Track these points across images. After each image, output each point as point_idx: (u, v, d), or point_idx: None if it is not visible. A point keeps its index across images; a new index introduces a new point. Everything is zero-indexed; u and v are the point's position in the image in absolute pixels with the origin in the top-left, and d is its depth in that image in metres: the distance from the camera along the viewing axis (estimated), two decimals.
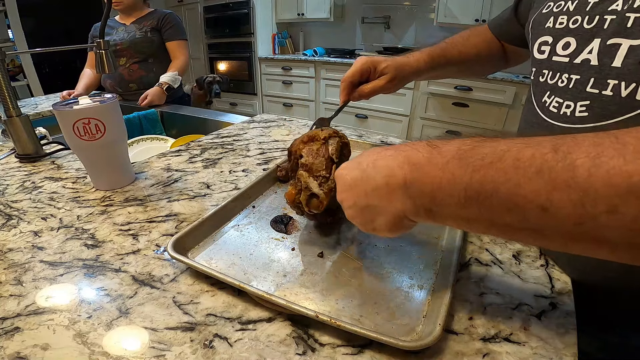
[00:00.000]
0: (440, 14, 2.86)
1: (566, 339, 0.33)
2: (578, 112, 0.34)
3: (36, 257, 0.44)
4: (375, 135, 0.93)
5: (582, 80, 0.34)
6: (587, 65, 0.33)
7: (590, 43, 0.33)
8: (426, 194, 0.27)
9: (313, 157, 0.45)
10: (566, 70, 0.36)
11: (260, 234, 0.49)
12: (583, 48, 0.34)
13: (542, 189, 0.20)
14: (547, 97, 0.38)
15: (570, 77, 0.35)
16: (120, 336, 0.33)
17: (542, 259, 0.45)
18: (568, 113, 0.35)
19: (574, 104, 0.34)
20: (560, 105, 0.36)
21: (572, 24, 0.35)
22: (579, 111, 0.34)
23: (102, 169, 0.61)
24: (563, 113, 0.36)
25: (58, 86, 1.75)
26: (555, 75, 0.37)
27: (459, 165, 0.24)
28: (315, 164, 0.44)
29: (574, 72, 0.35)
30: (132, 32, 1.47)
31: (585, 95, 0.33)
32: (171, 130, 1.36)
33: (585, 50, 0.34)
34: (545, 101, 0.38)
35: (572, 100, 0.35)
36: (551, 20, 0.38)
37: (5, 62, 0.70)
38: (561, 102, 0.36)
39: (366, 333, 0.31)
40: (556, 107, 0.37)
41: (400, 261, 0.44)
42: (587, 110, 0.33)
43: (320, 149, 0.46)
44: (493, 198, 0.22)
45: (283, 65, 3.63)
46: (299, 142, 0.49)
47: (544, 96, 0.39)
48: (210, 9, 3.86)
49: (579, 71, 0.34)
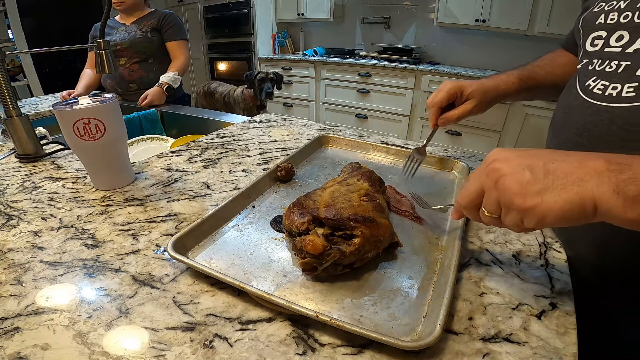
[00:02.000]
0: (440, 14, 2.86)
1: (566, 339, 0.34)
2: (625, 93, 0.37)
3: (36, 257, 0.44)
4: (375, 135, 0.93)
5: (633, 66, 0.37)
6: (639, 54, 0.37)
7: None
8: None
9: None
10: (617, 58, 0.39)
11: (260, 234, 0.49)
12: (636, 39, 0.37)
13: None
14: (592, 81, 0.41)
15: (620, 64, 0.39)
16: (120, 336, 0.33)
17: (542, 259, 0.45)
18: (614, 94, 0.38)
19: (621, 86, 0.38)
20: (606, 87, 0.39)
21: (622, 19, 0.39)
22: (626, 92, 0.37)
23: (102, 169, 0.61)
24: (609, 94, 0.39)
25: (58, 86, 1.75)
26: (605, 62, 0.41)
27: None
28: None
29: (625, 59, 0.38)
30: (133, 32, 1.47)
31: (634, 79, 0.37)
32: (171, 130, 1.36)
33: (638, 41, 0.37)
34: (590, 84, 0.41)
35: (620, 82, 0.38)
36: (602, 17, 0.42)
37: (5, 62, 0.70)
38: (607, 84, 0.39)
39: (366, 333, 0.31)
40: (601, 89, 0.40)
41: (400, 261, 0.44)
42: (635, 91, 0.36)
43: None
44: None
45: (283, 65, 3.63)
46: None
47: (589, 81, 0.42)
48: (210, 9, 3.86)
49: (630, 59, 0.38)
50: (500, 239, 0.49)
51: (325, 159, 0.75)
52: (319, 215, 0.42)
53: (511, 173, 0.30)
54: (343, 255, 0.38)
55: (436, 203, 0.51)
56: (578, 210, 0.27)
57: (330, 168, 0.71)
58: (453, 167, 0.68)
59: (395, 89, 3.06)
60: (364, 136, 0.88)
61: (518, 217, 0.30)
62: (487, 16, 2.68)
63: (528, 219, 0.29)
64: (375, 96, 3.19)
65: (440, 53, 3.20)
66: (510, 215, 0.31)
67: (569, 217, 0.28)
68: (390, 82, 3.06)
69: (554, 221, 0.28)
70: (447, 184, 0.64)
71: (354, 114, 3.36)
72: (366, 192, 0.47)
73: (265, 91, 2.24)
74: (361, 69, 3.16)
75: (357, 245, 0.39)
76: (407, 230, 0.50)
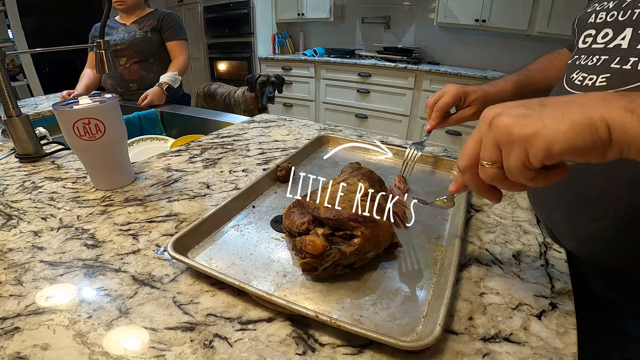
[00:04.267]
0: (440, 14, 2.86)
1: (566, 339, 0.34)
2: (598, 83, 0.40)
3: (36, 257, 0.44)
4: (376, 135, 0.93)
5: (609, 59, 0.40)
6: (618, 48, 0.40)
7: (623, 32, 0.40)
8: None
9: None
10: (599, 53, 0.43)
11: (260, 234, 0.49)
12: (617, 36, 0.41)
13: None
14: (575, 74, 0.45)
15: (600, 58, 0.42)
16: (120, 336, 0.33)
17: (542, 259, 0.45)
18: (590, 84, 0.42)
19: (596, 77, 0.41)
20: (585, 78, 0.43)
21: (609, 18, 0.43)
22: (599, 82, 0.40)
23: (102, 169, 0.61)
24: (585, 84, 0.42)
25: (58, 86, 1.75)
26: (589, 57, 0.44)
27: None
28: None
29: (605, 54, 0.41)
30: (133, 32, 1.47)
31: (607, 70, 0.40)
32: (171, 130, 1.36)
33: (619, 37, 0.40)
34: (573, 77, 0.45)
35: (595, 74, 0.42)
36: (593, 17, 0.45)
37: (5, 62, 0.70)
38: (586, 76, 0.43)
39: (366, 333, 0.31)
40: (580, 80, 0.43)
41: (400, 261, 0.44)
42: (607, 81, 0.40)
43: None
44: None
45: (283, 65, 3.63)
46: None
47: (573, 73, 0.45)
48: (210, 9, 3.86)
49: (609, 53, 0.41)
50: (500, 239, 0.49)
51: (325, 159, 0.75)
52: (319, 215, 0.42)
53: (505, 111, 0.27)
54: (343, 255, 0.38)
55: None
56: (590, 132, 0.24)
57: (330, 168, 0.71)
58: (453, 167, 0.68)
59: (395, 89, 3.06)
60: (364, 136, 0.88)
61: (522, 152, 0.26)
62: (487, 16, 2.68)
63: (533, 151, 0.25)
64: (375, 96, 3.19)
65: (440, 53, 3.20)
66: (512, 153, 0.26)
67: (581, 142, 0.24)
68: (390, 82, 3.06)
69: (564, 148, 0.24)
70: (447, 184, 0.64)
71: (354, 114, 3.36)
72: (366, 192, 0.47)
73: (266, 95, 2.20)
74: (361, 69, 3.16)
75: (358, 245, 0.39)
76: (407, 231, 0.50)
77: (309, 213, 0.43)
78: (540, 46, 2.69)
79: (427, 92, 2.91)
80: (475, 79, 2.69)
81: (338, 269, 0.40)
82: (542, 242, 0.49)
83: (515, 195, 0.61)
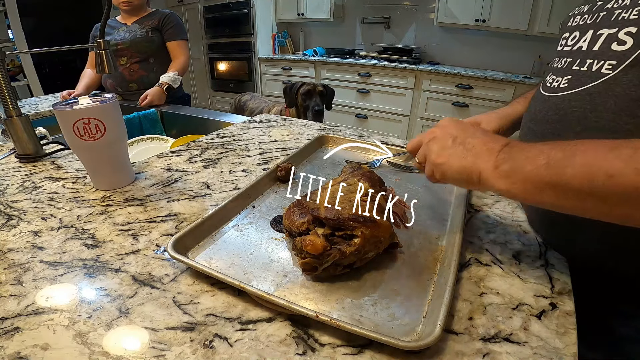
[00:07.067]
0: (440, 14, 2.86)
1: (566, 339, 0.34)
2: (562, 84, 0.44)
3: (36, 257, 0.44)
4: (376, 135, 0.93)
5: (572, 62, 0.44)
6: (580, 50, 0.43)
7: (586, 34, 0.43)
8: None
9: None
10: (565, 55, 0.46)
11: (260, 234, 0.49)
12: (581, 38, 0.43)
13: None
14: (548, 77, 0.48)
15: (566, 60, 0.45)
16: (120, 336, 0.33)
17: (542, 259, 0.45)
18: (556, 86, 0.45)
19: (561, 79, 0.44)
20: (554, 80, 0.46)
21: (580, 21, 0.45)
22: (563, 83, 0.44)
23: (102, 169, 0.61)
24: (553, 86, 0.46)
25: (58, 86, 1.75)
26: (560, 60, 0.47)
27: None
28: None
29: (570, 56, 0.44)
30: (134, 31, 1.47)
31: (569, 72, 0.43)
32: (171, 130, 1.36)
33: (582, 40, 0.43)
34: (547, 80, 0.48)
35: (560, 76, 0.45)
36: (571, 21, 0.47)
37: (5, 62, 0.70)
38: (555, 78, 0.46)
39: (366, 333, 0.31)
40: (550, 82, 0.47)
41: (400, 261, 0.44)
42: (568, 82, 0.43)
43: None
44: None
45: (283, 65, 3.63)
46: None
47: (547, 76, 0.49)
48: (210, 9, 3.86)
49: (571, 55, 0.44)
50: (501, 239, 0.49)
51: (325, 159, 0.75)
52: (319, 215, 0.42)
53: (440, 138, 0.42)
54: (343, 255, 0.38)
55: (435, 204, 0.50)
56: (467, 175, 0.38)
57: (330, 168, 0.71)
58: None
59: (395, 89, 3.06)
60: (364, 136, 0.88)
61: (431, 168, 0.42)
62: (487, 16, 2.68)
63: (437, 172, 0.41)
64: (375, 96, 3.20)
65: (440, 53, 3.20)
66: (428, 165, 0.43)
67: (462, 180, 0.39)
68: (390, 82, 3.06)
69: (452, 179, 0.40)
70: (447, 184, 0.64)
71: (354, 114, 3.36)
72: (366, 192, 0.46)
73: (313, 109, 1.69)
74: (361, 69, 3.16)
75: (358, 245, 0.39)
76: (407, 231, 0.50)
77: (309, 213, 0.43)
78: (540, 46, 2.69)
79: (427, 92, 2.92)
80: (475, 79, 2.69)
81: (338, 269, 0.40)
82: (542, 242, 0.48)
83: None
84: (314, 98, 1.73)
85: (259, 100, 2.04)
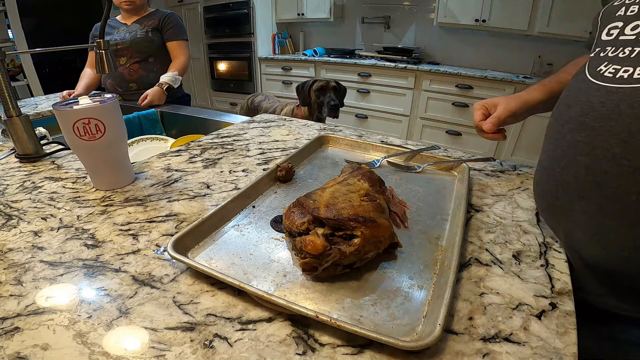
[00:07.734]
0: (440, 14, 2.87)
1: (566, 339, 0.34)
2: (636, 75, 0.40)
3: (36, 257, 0.44)
4: (375, 135, 0.93)
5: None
6: None
7: None
8: None
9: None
10: (631, 45, 0.42)
11: (260, 234, 0.49)
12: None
13: None
14: (603, 66, 0.44)
15: (633, 49, 0.41)
16: (120, 336, 0.33)
17: (542, 259, 0.45)
18: (625, 76, 0.41)
19: (633, 69, 0.40)
20: (617, 71, 0.42)
21: (638, 10, 0.42)
22: (637, 74, 0.40)
23: (102, 169, 0.61)
24: (620, 76, 0.41)
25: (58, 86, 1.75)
26: (618, 49, 0.43)
27: None
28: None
29: (638, 45, 0.41)
30: (134, 31, 1.47)
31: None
32: (171, 130, 1.36)
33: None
34: (601, 69, 0.44)
35: (632, 66, 0.40)
36: (622, 10, 0.44)
37: (5, 62, 0.70)
38: (619, 68, 0.42)
39: (366, 333, 0.31)
40: (612, 72, 0.42)
41: (400, 261, 0.44)
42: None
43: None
44: None
45: (283, 65, 3.63)
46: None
47: (600, 66, 0.45)
48: (210, 9, 3.86)
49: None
50: (500, 239, 0.49)
51: (325, 159, 0.75)
52: (319, 215, 0.42)
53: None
54: (343, 255, 0.38)
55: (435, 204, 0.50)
56: None
57: (330, 168, 0.71)
58: (452, 168, 0.68)
59: (395, 89, 3.06)
60: (364, 136, 0.88)
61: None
62: (487, 16, 2.68)
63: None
64: (375, 96, 3.20)
65: (440, 53, 3.20)
66: None
67: None
68: (390, 82, 3.06)
69: None
70: (447, 184, 0.64)
71: (354, 114, 3.36)
72: (366, 193, 0.46)
73: (328, 105, 1.67)
74: (361, 69, 3.16)
75: (358, 245, 0.39)
76: (407, 231, 0.50)
77: (309, 213, 0.43)
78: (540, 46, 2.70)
79: (427, 92, 2.92)
80: (475, 79, 2.69)
81: (338, 269, 0.40)
82: (542, 242, 0.49)
83: (515, 195, 0.61)
84: (329, 93, 1.72)
85: (272, 100, 2.04)
